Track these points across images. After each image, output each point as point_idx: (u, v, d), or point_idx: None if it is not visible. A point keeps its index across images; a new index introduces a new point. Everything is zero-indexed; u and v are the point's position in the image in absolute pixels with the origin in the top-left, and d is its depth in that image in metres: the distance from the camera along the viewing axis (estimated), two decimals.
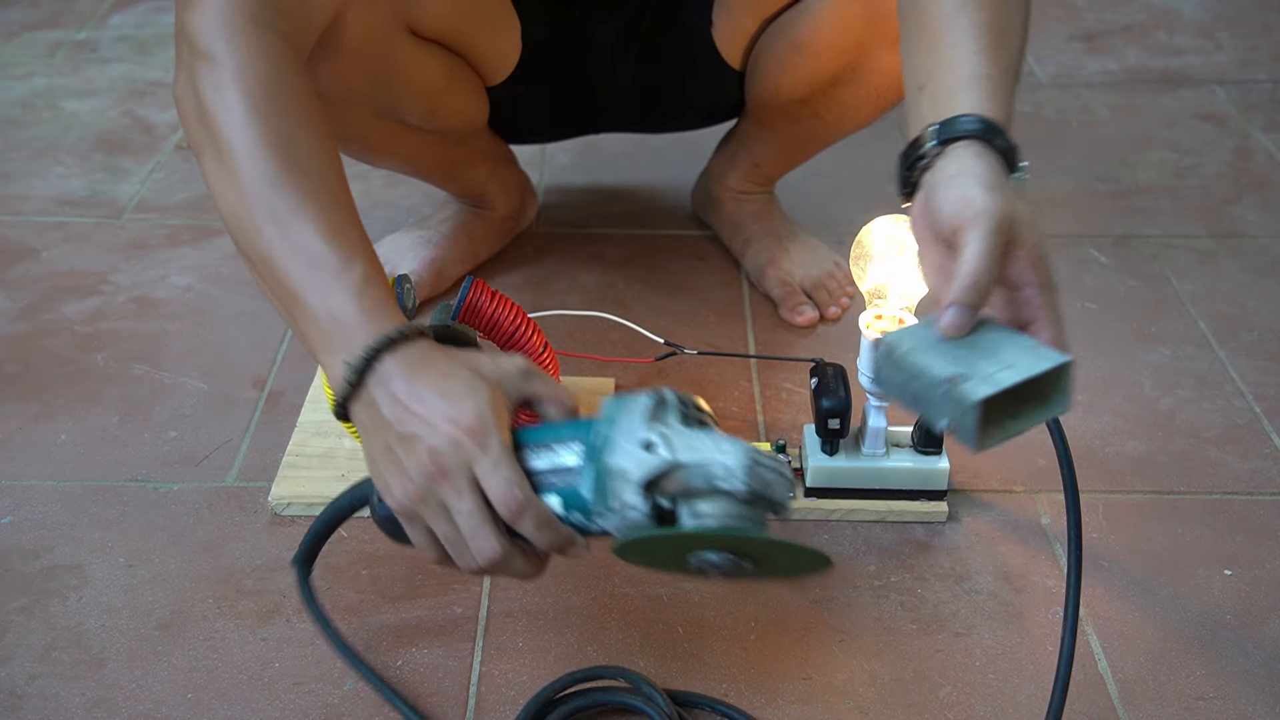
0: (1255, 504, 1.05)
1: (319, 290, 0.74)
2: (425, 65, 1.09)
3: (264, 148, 0.76)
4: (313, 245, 0.74)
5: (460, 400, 0.70)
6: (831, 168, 1.48)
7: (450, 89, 1.14)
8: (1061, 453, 0.74)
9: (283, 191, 0.75)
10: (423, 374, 0.71)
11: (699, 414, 0.72)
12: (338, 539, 1.00)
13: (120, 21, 2.01)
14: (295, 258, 0.74)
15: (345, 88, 1.06)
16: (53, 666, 0.88)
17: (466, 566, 0.72)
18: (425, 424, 0.69)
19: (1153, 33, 2.01)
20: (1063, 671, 0.75)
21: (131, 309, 1.30)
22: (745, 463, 0.66)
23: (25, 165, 1.59)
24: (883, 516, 1.03)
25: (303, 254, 0.74)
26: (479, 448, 0.69)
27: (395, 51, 1.06)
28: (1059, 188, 1.56)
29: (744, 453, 0.67)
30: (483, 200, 1.34)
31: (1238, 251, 1.42)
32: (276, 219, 0.75)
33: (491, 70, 1.17)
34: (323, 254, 0.74)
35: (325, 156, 0.79)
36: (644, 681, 0.84)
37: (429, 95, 1.12)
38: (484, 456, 0.68)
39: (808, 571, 0.71)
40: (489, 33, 1.14)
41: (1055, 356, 0.69)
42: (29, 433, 1.12)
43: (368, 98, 1.09)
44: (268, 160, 0.76)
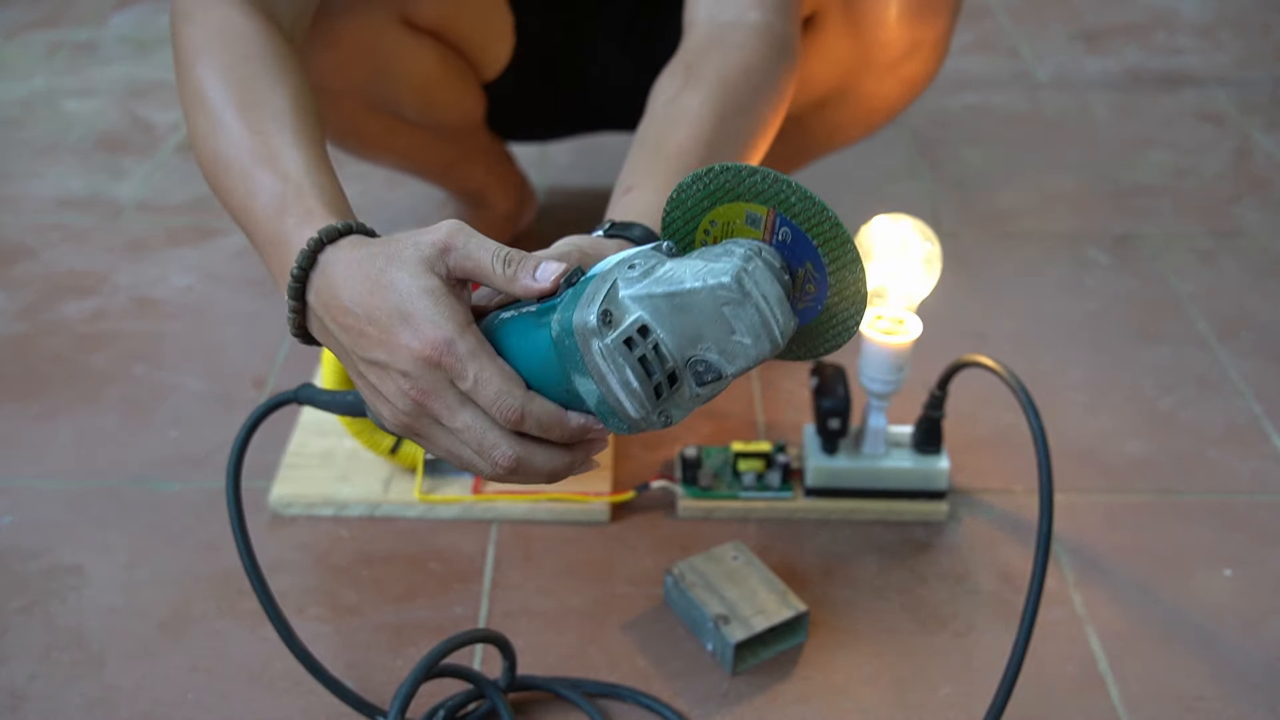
0: (1255, 504, 1.05)
1: (258, 215, 0.71)
2: (420, 58, 1.10)
3: (221, 88, 0.75)
4: (253, 172, 0.72)
5: (407, 310, 0.63)
6: (830, 168, 1.48)
7: (445, 82, 1.14)
8: (1041, 456, 0.79)
9: (231, 130, 0.73)
10: (355, 284, 0.65)
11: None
12: (337, 538, 1.00)
13: (120, 21, 2.01)
14: (240, 189, 0.72)
15: (341, 80, 1.06)
16: (53, 666, 0.88)
17: (484, 474, 0.67)
18: (384, 348, 0.64)
19: (1153, 33, 2.01)
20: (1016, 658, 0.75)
21: (131, 309, 1.30)
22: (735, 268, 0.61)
23: (25, 165, 1.59)
24: (883, 516, 1.03)
25: (245, 183, 0.72)
26: (453, 362, 0.63)
27: (390, 43, 1.06)
28: (1059, 188, 1.56)
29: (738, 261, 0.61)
30: (481, 199, 1.34)
31: (1238, 251, 1.42)
32: (225, 157, 0.73)
33: (486, 64, 1.17)
34: (259, 178, 0.71)
35: (279, 88, 0.76)
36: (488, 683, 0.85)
37: (424, 88, 1.12)
38: (463, 372, 0.63)
39: (840, 326, 0.66)
40: (483, 26, 1.14)
41: (796, 607, 0.90)
42: (29, 433, 1.12)
43: (363, 90, 1.09)
44: (224, 105, 0.74)
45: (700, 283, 0.60)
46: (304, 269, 0.67)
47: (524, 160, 1.44)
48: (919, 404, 1.01)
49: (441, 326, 0.63)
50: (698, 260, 0.62)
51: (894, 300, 0.97)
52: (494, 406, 0.63)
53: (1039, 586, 0.77)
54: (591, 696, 0.86)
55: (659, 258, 0.62)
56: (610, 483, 1.04)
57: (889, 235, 0.97)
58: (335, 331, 0.67)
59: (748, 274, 0.60)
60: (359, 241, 0.67)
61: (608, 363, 0.61)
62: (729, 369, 0.62)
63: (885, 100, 1.16)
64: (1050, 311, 1.31)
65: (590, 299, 0.61)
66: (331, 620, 0.93)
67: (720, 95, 0.83)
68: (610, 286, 0.61)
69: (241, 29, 0.78)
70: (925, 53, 1.09)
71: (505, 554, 0.99)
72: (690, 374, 0.63)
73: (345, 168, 1.55)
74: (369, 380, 0.67)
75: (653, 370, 0.61)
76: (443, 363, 0.63)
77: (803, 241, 0.64)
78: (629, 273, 0.61)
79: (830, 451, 1.02)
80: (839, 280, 0.64)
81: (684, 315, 0.61)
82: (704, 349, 0.62)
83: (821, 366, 1.03)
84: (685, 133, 0.81)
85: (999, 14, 2.07)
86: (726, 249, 0.62)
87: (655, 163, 0.79)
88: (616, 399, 0.62)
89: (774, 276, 0.62)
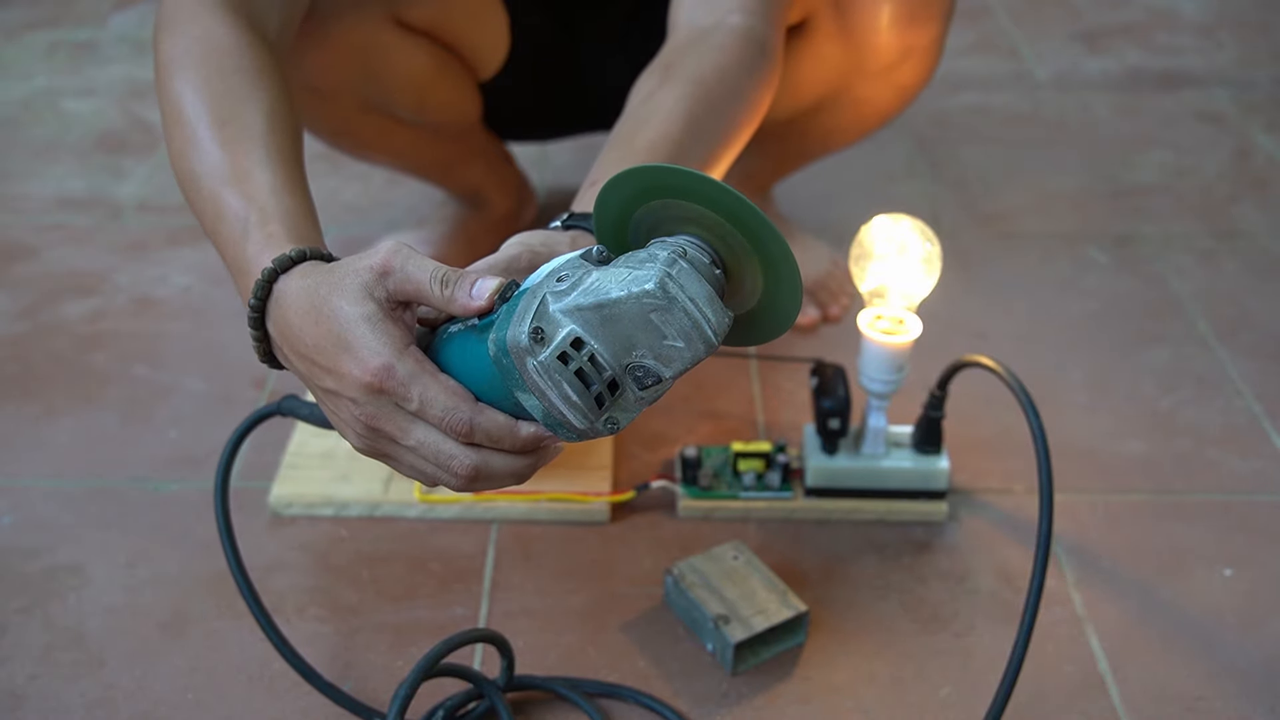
0: (1255, 504, 1.05)
1: (225, 239, 0.71)
2: (413, 57, 1.10)
3: (196, 103, 0.75)
4: (220, 193, 0.72)
5: (347, 340, 0.64)
6: (830, 168, 1.48)
7: (440, 82, 1.14)
8: (1041, 456, 0.80)
9: (203, 147, 0.74)
10: (302, 317, 0.66)
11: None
12: (338, 538, 1.00)
13: (120, 21, 2.01)
14: (210, 210, 0.73)
15: (334, 80, 1.06)
16: (53, 666, 0.88)
17: (457, 485, 0.68)
18: (334, 377, 0.65)
19: (1153, 33, 2.01)
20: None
21: (131, 309, 1.30)
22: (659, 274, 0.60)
23: (25, 165, 1.59)
24: (883, 516, 1.03)
25: (214, 204, 0.72)
26: (396, 386, 0.64)
27: (382, 43, 1.06)
28: (1059, 188, 1.56)
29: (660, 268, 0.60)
30: (480, 199, 1.34)
31: (1238, 251, 1.42)
32: (198, 176, 0.74)
33: (481, 63, 1.17)
34: (227, 200, 0.71)
35: (254, 104, 0.76)
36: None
37: (418, 88, 1.12)
38: (407, 395, 0.64)
39: (780, 316, 0.65)
40: (477, 25, 1.13)
41: (796, 607, 0.90)
42: (29, 433, 1.12)
43: (358, 90, 1.09)
44: (198, 120, 0.74)
45: (625, 291, 0.60)
46: (260, 300, 0.68)
47: (524, 160, 1.44)
48: (919, 404, 1.01)
49: (379, 353, 0.64)
50: (623, 268, 0.61)
51: (894, 300, 0.97)
52: (443, 423, 0.64)
53: (1039, 586, 0.77)
54: (591, 696, 0.86)
55: (586, 267, 0.62)
56: (610, 483, 1.04)
57: (889, 235, 0.97)
58: (294, 361, 0.68)
59: (671, 279, 0.60)
60: (310, 269, 0.68)
61: (545, 379, 0.61)
62: (667, 372, 0.62)
63: (879, 105, 1.16)
64: (1050, 311, 1.31)
65: (521, 316, 0.61)
66: (331, 620, 0.93)
67: (694, 94, 0.84)
68: (540, 302, 0.61)
69: (221, 42, 0.78)
70: (918, 59, 1.09)
71: (505, 554, 0.99)
72: (630, 379, 0.63)
73: (345, 168, 1.55)
74: (328, 407, 0.68)
75: (591, 381, 0.62)
76: (385, 388, 0.64)
77: (732, 235, 0.63)
78: (557, 286, 0.61)
79: (830, 451, 1.02)
80: (772, 271, 0.63)
81: (614, 325, 0.61)
82: (639, 355, 0.62)
83: (821, 366, 1.03)
84: (656, 129, 0.81)
85: (999, 14, 2.07)
86: (651, 253, 0.62)
87: (622, 156, 0.80)
88: (560, 412, 0.62)
89: (700, 275, 0.61)
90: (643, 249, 0.63)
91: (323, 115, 1.14)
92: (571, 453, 1.06)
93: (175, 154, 0.76)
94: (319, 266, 0.68)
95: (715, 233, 0.63)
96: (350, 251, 1.46)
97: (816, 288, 1.30)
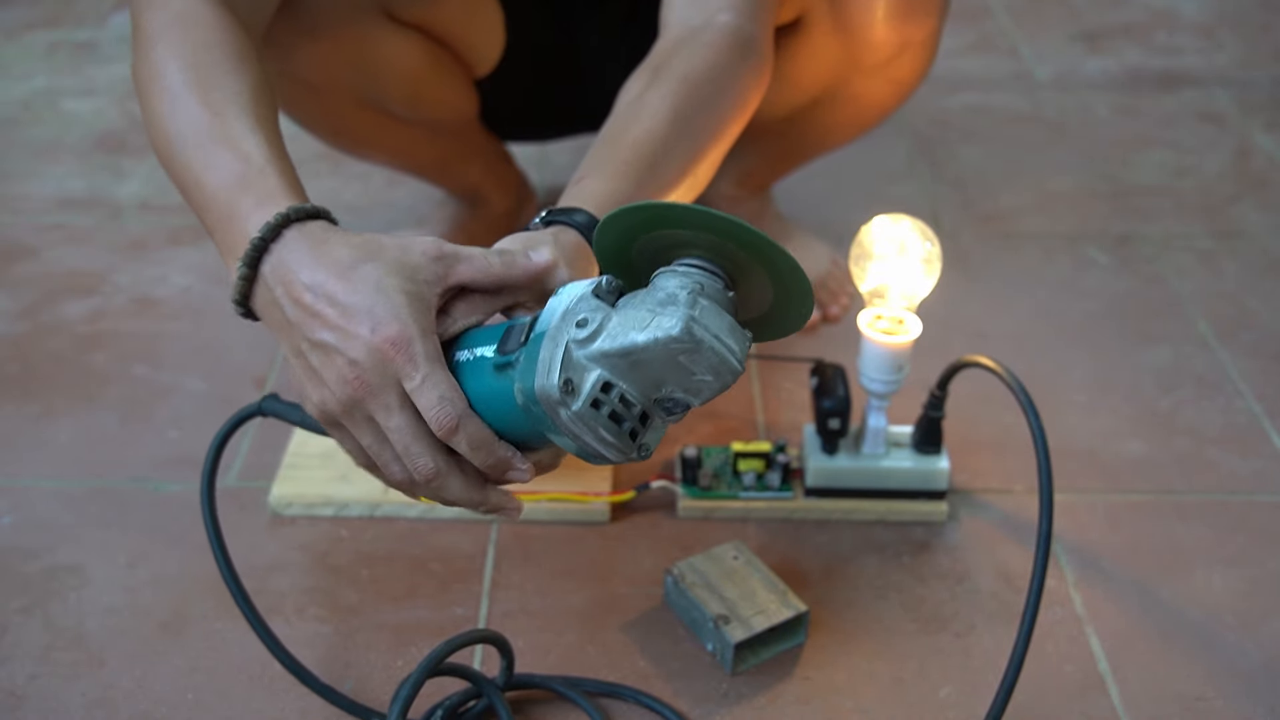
0: (1255, 504, 1.05)
1: (214, 191, 0.71)
2: (406, 52, 1.09)
3: (180, 71, 0.75)
4: (212, 150, 0.72)
5: (374, 302, 0.63)
6: (829, 168, 1.48)
7: (433, 77, 1.14)
8: (1041, 456, 0.81)
9: (189, 110, 0.73)
10: (322, 265, 0.65)
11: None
12: (337, 538, 1.00)
13: (120, 21, 2.01)
14: (197, 164, 0.72)
15: (326, 75, 1.06)
16: (53, 666, 0.88)
17: (393, 479, 0.68)
18: (338, 332, 0.64)
19: (1153, 33, 2.01)
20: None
21: (131, 309, 1.30)
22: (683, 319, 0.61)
23: (25, 165, 1.59)
24: (883, 516, 1.03)
25: (203, 159, 0.72)
26: (407, 360, 0.63)
27: (374, 37, 1.06)
28: (1059, 188, 1.56)
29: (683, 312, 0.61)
30: (479, 198, 1.34)
31: (1238, 251, 1.42)
32: (183, 135, 0.73)
33: (476, 60, 1.17)
34: (218, 155, 0.71)
35: (237, 75, 0.76)
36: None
37: (411, 82, 1.12)
38: (413, 371, 0.63)
39: (792, 320, 0.66)
40: (470, 21, 1.13)
41: (796, 607, 0.89)
42: (29, 433, 1.12)
43: (350, 85, 1.09)
44: (182, 87, 0.74)
45: (650, 338, 0.60)
46: (265, 239, 0.67)
47: (524, 160, 1.44)
48: (919, 404, 1.01)
49: (407, 324, 0.63)
50: (644, 309, 0.62)
51: (894, 300, 0.97)
52: (432, 411, 0.63)
53: (1039, 586, 0.77)
54: (591, 696, 0.86)
55: (604, 309, 0.62)
56: (610, 483, 1.04)
57: (889, 235, 0.97)
58: (285, 306, 0.66)
59: (696, 321, 0.61)
60: (329, 228, 0.68)
61: (579, 425, 0.62)
62: (696, 401, 0.64)
63: (876, 101, 1.16)
64: (1050, 311, 1.31)
65: (548, 367, 0.62)
66: (331, 620, 0.93)
67: (681, 92, 0.84)
68: (565, 351, 0.62)
69: (202, 17, 0.78)
70: (914, 53, 1.09)
71: (505, 554, 0.99)
72: (659, 409, 0.64)
73: (345, 168, 1.55)
74: (309, 361, 0.66)
75: (624, 420, 0.63)
76: (397, 358, 0.63)
77: (735, 250, 0.64)
78: (578, 332, 0.62)
79: (830, 451, 1.02)
80: (781, 284, 0.64)
81: (642, 368, 0.62)
82: (669, 390, 0.63)
83: (821, 366, 1.03)
84: (642, 127, 0.81)
85: (999, 14, 2.07)
86: (670, 294, 0.62)
87: (609, 154, 0.80)
88: (595, 450, 0.63)
89: (720, 309, 0.62)
90: (660, 283, 0.63)
91: (319, 112, 1.14)
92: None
93: (156, 116, 0.75)
94: (336, 228, 0.68)
95: (719, 250, 0.63)
96: None
97: (816, 287, 1.30)
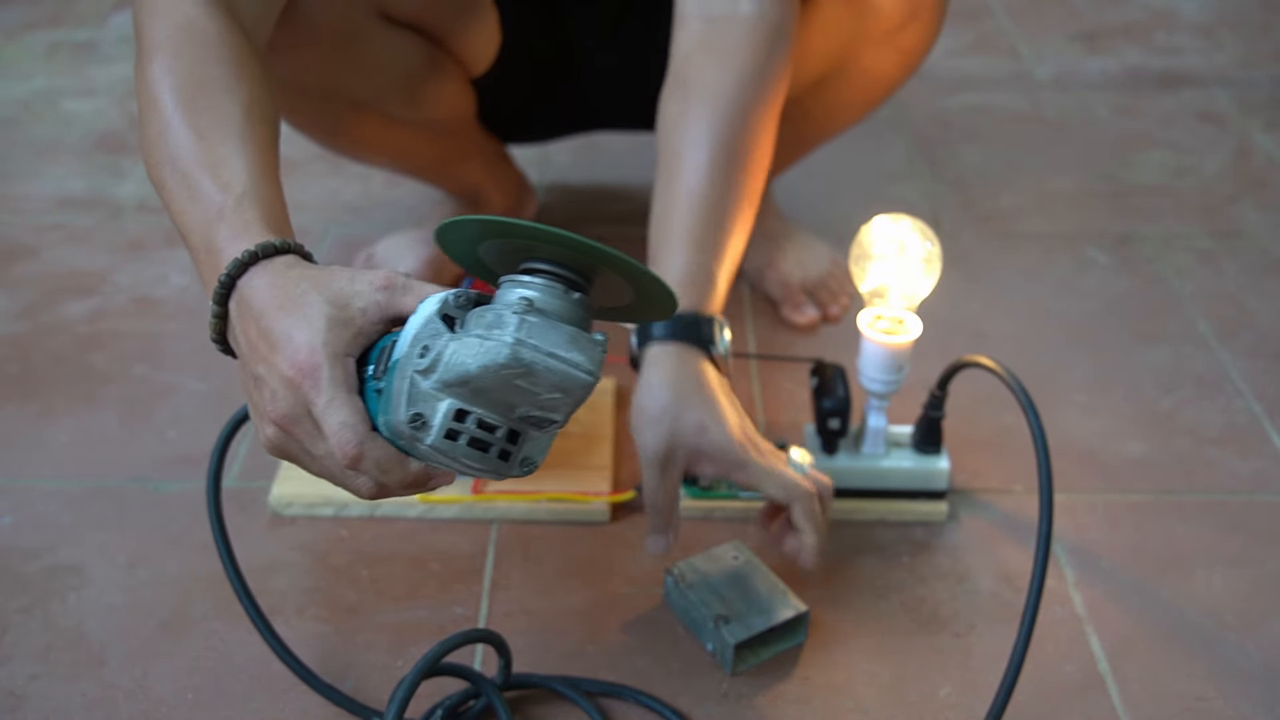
0: (1255, 504, 1.06)
1: (194, 222, 0.71)
2: (401, 51, 1.09)
3: (173, 91, 0.75)
4: (196, 177, 0.72)
5: (295, 331, 0.63)
6: (829, 167, 1.48)
7: (430, 77, 1.14)
8: (1041, 456, 0.82)
9: (178, 133, 0.73)
10: (273, 299, 0.65)
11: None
12: (337, 538, 1.00)
13: (120, 21, 2.01)
14: (182, 193, 0.72)
15: (322, 76, 1.06)
16: (53, 666, 0.88)
17: (355, 494, 0.67)
18: (266, 364, 0.64)
19: (1153, 33, 2.01)
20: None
21: (131, 309, 1.30)
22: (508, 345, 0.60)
23: (25, 165, 1.59)
24: (883, 516, 1.03)
25: (187, 187, 0.72)
26: (311, 387, 0.63)
27: (369, 38, 1.06)
28: (1059, 188, 1.56)
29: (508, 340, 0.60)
30: (479, 198, 1.34)
31: (1238, 251, 1.42)
32: (172, 160, 0.73)
33: (472, 59, 1.17)
34: (201, 184, 0.71)
35: (232, 94, 0.76)
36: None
37: (408, 83, 1.12)
38: (317, 398, 0.63)
39: (661, 308, 0.65)
40: (465, 19, 1.13)
41: (796, 607, 0.89)
42: (29, 433, 1.12)
43: (347, 86, 1.09)
44: (174, 107, 0.74)
45: (480, 366, 0.60)
46: (232, 276, 0.67)
47: (524, 160, 1.44)
48: (919, 404, 1.01)
49: (317, 351, 0.63)
50: (474, 336, 0.60)
51: (894, 300, 0.97)
52: (334, 438, 0.63)
53: (1039, 586, 0.77)
54: (591, 696, 0.86)
55: (444, 334, 0.61)
56: (610, 483, 1.04)
57: (889, 235, 0.97)
58: (239, 338, 0.67)
59: (523, 344, 0.60)
60: (294, 262, 0.68)
61: (443, 455, 0.62)
62: (558, 415, 0.62)
63: (884, 73, 1.15)
64: (1050, 311, 1.31)
65: (398, 401, 0.61)
66: (331, 620, 0.93)
67: (720, 118, 0.88)
68: (410, 384, 0.61)
69: (203, 28, 0.77)
70: (923, 20, 1.09)
71: (505, 554, 0.99)
72: (527, 425, 0.63)
73: (345, 168, 1.55)
74: (250, 393, 0.67)
75: (489, 444, 0.62)
76: (304, 385, 0.63)
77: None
78: (420, 361, 0.61)
79: (830, 451, 1.02)
80: (634, 283, 0.63)
81: (487, 394, 0.61)
82: (523, 410, 0.62)
83: (821, 366, 1.03)
84: (690, 170, 0.88)
85: (999, 14, 2.07)
86: (498, 314, 0.61)
87: (667, 225, 0.91)
88: (472, 472, 0.63)
89: (555, 319, 0.61)
90: (499, 297, 0.62)
91: (316, 115, 1.14)
92: (571, 453, 1.06)
93: (149, 140, 0.76)
94: (302, 262, 0.68)
95: (565, 250, 0.61)
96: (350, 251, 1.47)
97: (817, 287, 1.30)
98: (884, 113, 1.68)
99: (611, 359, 1.19)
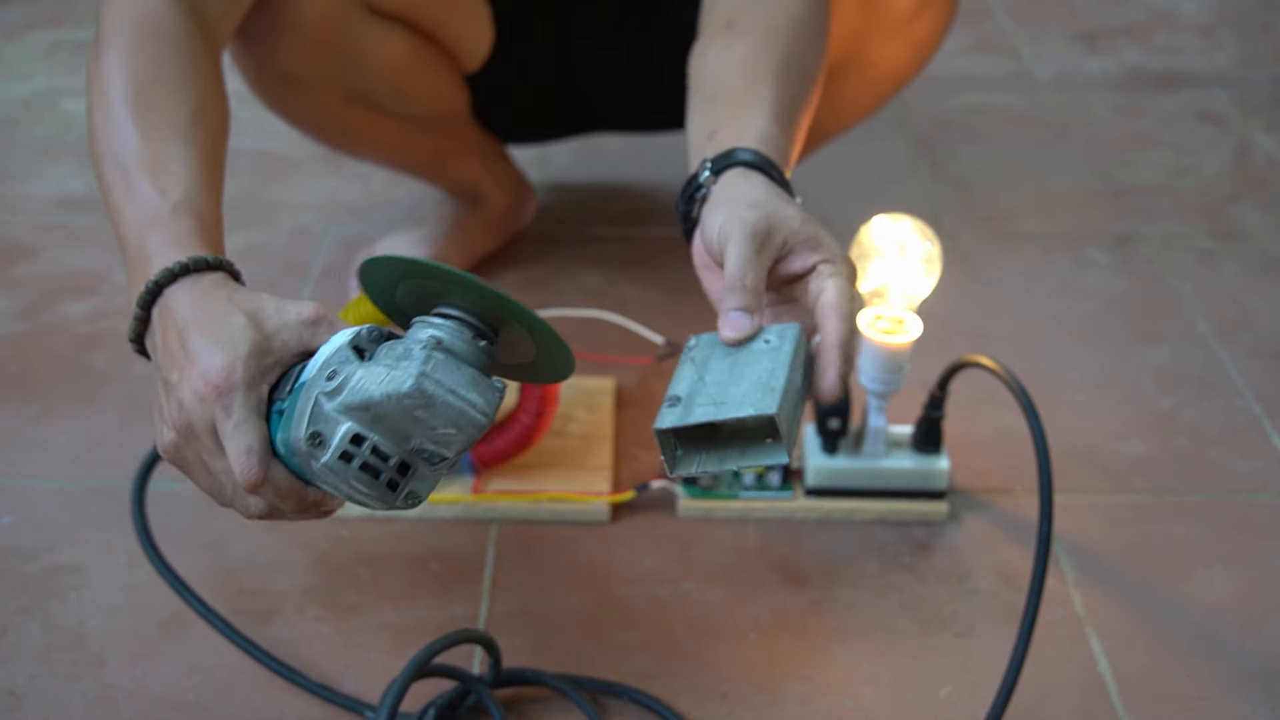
0: (1255, 504, 1.06)
1: (129, 223, 0.71)
2: (389, 44, 1.09)
3: (123, 85, 0.75)
4: (135, 178, 0.72)
5: (216, 349, 0.64)
6: (830, 167, 1.48)
7: (419, 70, 1.14)
8: (1041, 456, 0.81)
9: (123, 130, 0.74)
10: (197, 313, 0.66)
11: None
12: (338, 538, 1.00)
13: None
14: (121, 190, 0.72)
15: (309, 67, 1.06)
16: (53, 666, 0.88)
17: (242, 513, 0.68)
18: (180, 372, 0.65)
19: (1153, 33, 2.01)
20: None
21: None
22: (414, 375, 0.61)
23: (25, 165, 1.59)
24: (883, 516, 1.03)
25: (126, 185, 0.72)
26: (221, 408, 0.63)
27: (355, 29, 1.06)
28: (1059, 188, 1.56)
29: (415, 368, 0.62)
30: (477, 196, 1.34)
31: (1238, 251, 1.42)
32: (114, 155, 0.74)
33: (465, 54, 1.16)
34: (139, 185, 0.71)
35: (182, 95, 0.76)
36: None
37: (396, 75, 1.12)
38: (225, 419, 0.63)
39: (557, 370, 0.68)
40: (454, 12, 1.13)
41: (763, 406, 0.65)
42: (29, 433, 1.12)
43: (335, 78, 1.09)
44: (122, 103, 0.75)
45: (384, 394, 0.61)
46: (160, 284, 0.68)
47: (524, 160, 1.44)
48: (919, 404, 1.01)
49: (235, 373, 0.64)
50: (382, 365, 0.62)
51: (894, 300, 0.97)
52: (236, 461, 0.63)
53: (1039, 586, 0.77)
54: (590, 694, 0.86)
55: (354, 361, 0.63)
56: (610, 483, 1.04)
57: (889, 235, 0.97)
58: (156, 343, 0.68)
59: (427, 377, 0.62)
60: (224, 280, 0.68)
61: (334, 477, 0.63)
62: (449, 452, 0.64)
63: (894, 66, 1.15)
64: (1050, 311, 1.31)
65: (299, 419, 0.63)
66: (331, 620, 0.93)
67: (771, 43, 0.84)
68: (314, 404, 0.63)
69: (161, 24, 0.78)
70: (935, 10, 1.08)
71: (505, 554, 0.99)
72: (419, 459, 0.64)
73: (345, 168, 1.55)
74: (158, 396, 0.68)
75: (379, 472, 0.63)
76: (214, 404, 0.64)
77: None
78: (327, 384, 0.63)
79: (830, 451, 1.02)
80: (538, 340, 0.66)
81: (386, 421, 0.62)
82: (417, 443, 0.63)
83: None
84: (741, 75, 0.82)
85: (999, 14, 2.07)
86: (407, 348, 0.63)
87: (729, 106, 0.81)
88: (358, 501, 0.64)
89: (460, 361, 0.63)
90: (410, 334, 0.65)
91: (306, 108, 1.14)
92: (571, 453, 1.06)
93: (94, 130, 0.76)
94: (231, 281, 0.69)
95: (477, 299, 0.64)
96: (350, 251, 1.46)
97: None
98: (885, 113, 1.67)
99: (616, 359, 1.19)
